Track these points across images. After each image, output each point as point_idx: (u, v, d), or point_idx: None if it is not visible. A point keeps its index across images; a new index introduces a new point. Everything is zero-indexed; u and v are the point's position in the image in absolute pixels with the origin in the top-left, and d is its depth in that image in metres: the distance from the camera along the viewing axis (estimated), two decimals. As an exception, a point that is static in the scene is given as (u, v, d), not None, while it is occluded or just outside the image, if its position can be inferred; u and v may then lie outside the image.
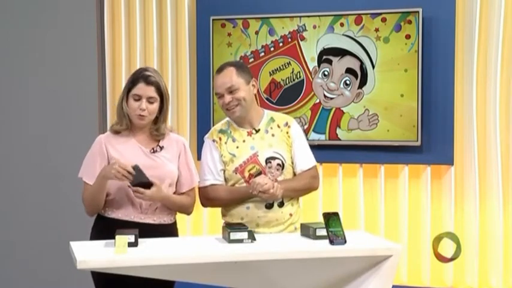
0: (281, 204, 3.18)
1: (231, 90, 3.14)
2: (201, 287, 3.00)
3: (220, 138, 3.22)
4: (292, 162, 3.22)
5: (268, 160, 3.17)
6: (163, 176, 3.05)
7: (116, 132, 3.08)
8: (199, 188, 3.23)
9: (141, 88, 3.01)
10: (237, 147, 3.19)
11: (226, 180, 3.21)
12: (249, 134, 3.21)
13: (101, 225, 3.07)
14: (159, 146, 3.10)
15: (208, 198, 3.22)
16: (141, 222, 3.01)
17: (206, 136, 3.29)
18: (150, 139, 3.11)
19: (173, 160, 3.11)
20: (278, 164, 3.17)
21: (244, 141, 3.20)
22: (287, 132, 3.24)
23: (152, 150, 3.08)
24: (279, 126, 3.25)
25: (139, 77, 3.04)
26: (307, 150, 3.27)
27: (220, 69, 3.22)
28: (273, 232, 3.15)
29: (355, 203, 4.58)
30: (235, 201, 3.17)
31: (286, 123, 3.27)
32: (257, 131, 3.22)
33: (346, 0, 4.50)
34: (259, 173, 3.15)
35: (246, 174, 3.16)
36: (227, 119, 3.28)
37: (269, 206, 3.16)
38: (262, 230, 3.11)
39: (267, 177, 3.12)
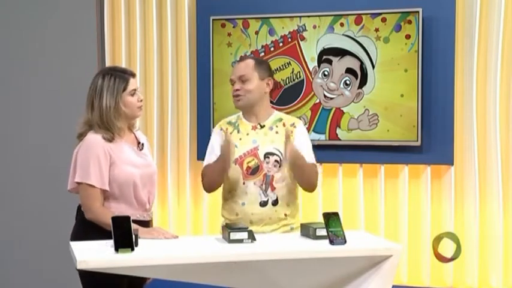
0: (275, 203, 3.20)
1: (242, 80, 3.23)
2: (178, 285, 2.96)
3: (227, 129, 3.29)
4: None
5: (267, 155, 3.21)
6: (153, 173, 3.21)
7: (109, 141, 3.07)
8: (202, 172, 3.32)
9: (133, 82, 3.13)
10: (240, 139, 3.26)
11: None
12: (254, 128, 3.28)
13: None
14: (141, 144, 3.20)
15: (203, 174, 3.28)
16: (138, 220, 3.03)
17: (216, 126, 3.42)
18: (131, 135, 3.19)
19: (150, 156, 3.28)
20: (276, 161, 3.21)
21: (247, 134, 3.27)
22: (291, 132, 3.26)
23: (139, 148, 3.17)
24: (284, 125, 3.29)
25: (127, 74, 3.13)
26: (311, 149, 3.30)
27: (241, 59, 3.41)
28: (265, 231, 3.16)
29: (355, 203, 4.58)
30: (219, 168, 3.16)
31: (293, 124, 3.31)
32: (262, 127, 3.27)
33: (346, 0, 4.50)
34: (257, 167, 3.20)
35: (245, 166, 3.21)
36: (238, 113, 3.36)
37: (263, 204, 3.19)
38: (255, 229, 3.08)
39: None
